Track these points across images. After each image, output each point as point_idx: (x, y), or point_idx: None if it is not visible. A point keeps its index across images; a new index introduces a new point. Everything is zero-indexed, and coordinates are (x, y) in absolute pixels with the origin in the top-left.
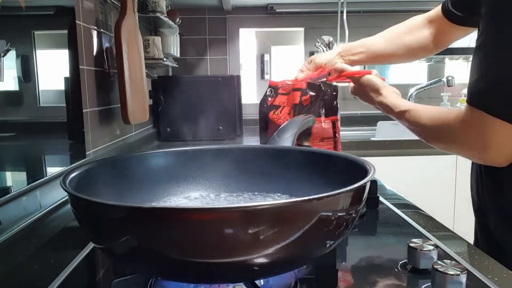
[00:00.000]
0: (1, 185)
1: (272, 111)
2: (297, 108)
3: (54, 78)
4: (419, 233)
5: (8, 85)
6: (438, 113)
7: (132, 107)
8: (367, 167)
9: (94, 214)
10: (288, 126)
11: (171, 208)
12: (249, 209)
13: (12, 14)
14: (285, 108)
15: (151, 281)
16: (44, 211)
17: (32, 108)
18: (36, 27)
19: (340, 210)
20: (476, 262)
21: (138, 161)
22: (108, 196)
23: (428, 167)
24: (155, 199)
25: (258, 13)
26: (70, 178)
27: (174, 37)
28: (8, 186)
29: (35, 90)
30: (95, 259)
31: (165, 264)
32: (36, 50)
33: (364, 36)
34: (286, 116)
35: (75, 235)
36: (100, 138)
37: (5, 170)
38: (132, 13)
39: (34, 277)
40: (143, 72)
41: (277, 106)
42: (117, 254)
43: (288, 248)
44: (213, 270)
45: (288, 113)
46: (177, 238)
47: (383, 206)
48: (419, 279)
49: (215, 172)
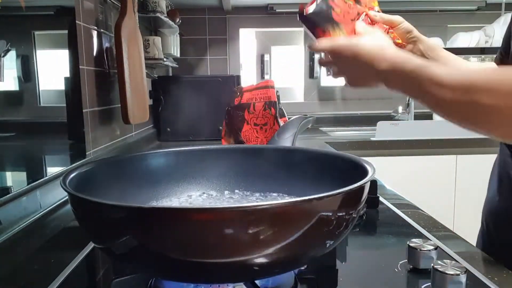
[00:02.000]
0: (1, 185)
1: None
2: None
3: (54, 78)
4: (419, 233)
5: (8, 85)
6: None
7: (132, 107)
8: (367, 167)
9: (94, 214)
10: (288, 126)
11: (171, 208)
12: (249, 209)
13: (12, 14)
14: (257, 104)
15: (151, 281)
16: (44, 211)
17: (32, 108)
18: (36, 27)
19: (340, 210)
20: (476, 262)
21: (138, 161)
22: (108, 196)
23: (428, 167)
24: (155, 199)
25: (258, 13)
26: (70, 178)
27: (174, 37)
28: (8, 186)
29: (35, 90)
30: (95, 259)
31: (165, 264)
32: (36, 50)
33: None
34: (262, 112)
35: (75, 235)
36: (100, 138)
37: (6, 170)
38: (132, 13)
39: (34, 277)
40: (143, 72)
41: (247, 104)
42: (117, 254)
43: (288, 248)
44: (213, 270)
45: (264, 109)
46: (177, 238)
47: (383, 206)
48: (419, 279)
49: (215, 172)
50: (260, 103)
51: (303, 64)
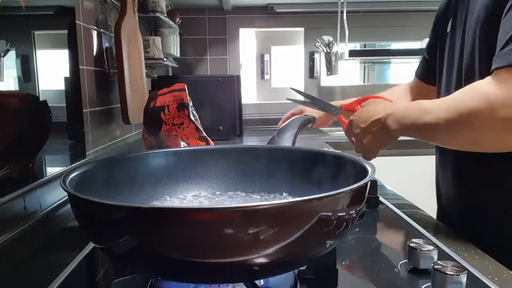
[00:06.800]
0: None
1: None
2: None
3: (54, 78)
4: (419, 233)
5: (8, 85)
6: (461, 89)
7: (132, 107)
8: (367, 167)
9: (94, 214)
10: (288, 126)
11: (171, 208)
12: (249, 209)
13: (12, 14)
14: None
15: (151, 281)
16: (44, 211)
17: None
18: (36, 27)
19: (340, 210)
20: (476, 262)
21: (138, 161)
22: (108, 196)
23: (428, 167)
24: (155, 199)
25: (258, 13)
26: (70, 178)
27: (174, 37)
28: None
29: (35, 90)
30: (95, 259)
31: (165, 264)
32: (36, 50)
33: (365, 35)
34: (176, 113)
35: (75, 235)
36: (100, 138)
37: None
38: (132, 13)
39: (34, 277)
40: (143, 72)
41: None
42: (117, 254)
43: (288, 248)
44: (213, 270)
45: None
46: (177, 238)
47: (383, 206)
48: (419, 279)
49: (215, 172)
50: (173, 105)
51: (303, 64)
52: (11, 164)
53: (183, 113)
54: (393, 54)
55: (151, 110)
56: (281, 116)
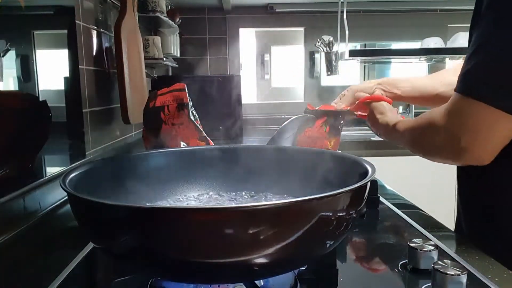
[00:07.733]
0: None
1: (161, 112)
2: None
3: (54, 78)
4: (419, 233)
5: (8, 85)
6: (426, 112)
7: (132, 107)
8: (367, 167)
9: (94, 214)
10: (288, 126)
11: (171, 208)
12: (249, 209)
13: (12, 14)
14: (171, 106)
15: (151, 281)
16: (44, 211)
17: None
18: (36, 27)
19: (340, 210)
20: (476, 262)
21: (138, 161)
22: (108, 196)
23: (428, 167)
24: (155, 199)
25: (258, 13)
26: (70, 178)
27: (174, 37)
28: (8, 186)
29: (35, 90)
30: (95, 259)
31: (165, 264)
32: (36, 50)
33: (365, 35)
34: (176, 113)
35: (75, 235)
36: (100, 138)
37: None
38: (132, 13)
39: (34, 277)
40: (143, 72)
41: (162, 107)
42: (117, 254)
43: (288, 248)
44: (213, 270)
45: (178, 110)
46: (177, 238)
47: (383, 206)
48: (419, 279)
49: (215, 172)
50: (173, 105)
51: (303, 64)
52: (11, 164)
53: (183, 113)
54: (393, 54)
55: (151, 110)
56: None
